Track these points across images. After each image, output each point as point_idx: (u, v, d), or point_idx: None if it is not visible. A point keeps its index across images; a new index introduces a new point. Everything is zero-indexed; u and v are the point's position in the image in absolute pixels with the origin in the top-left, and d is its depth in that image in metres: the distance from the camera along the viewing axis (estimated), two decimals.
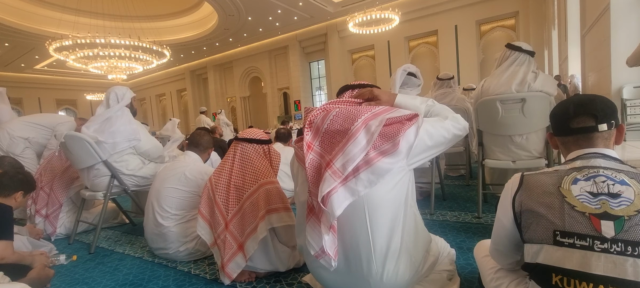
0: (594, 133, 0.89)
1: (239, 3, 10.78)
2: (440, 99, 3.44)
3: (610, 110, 0.89)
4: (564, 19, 6.85)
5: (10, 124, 3.26)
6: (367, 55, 13.73)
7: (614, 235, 0.71)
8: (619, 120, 0.90)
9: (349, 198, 1.04)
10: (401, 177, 1.10)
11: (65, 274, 1.95)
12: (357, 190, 1.04)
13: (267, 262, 1.64)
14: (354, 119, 1.08)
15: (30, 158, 3.19)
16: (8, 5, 10.70)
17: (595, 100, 0.90)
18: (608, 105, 0.90)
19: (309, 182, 1.10)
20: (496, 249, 1.03)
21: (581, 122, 0.90)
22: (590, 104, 0.90)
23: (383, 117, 1.08)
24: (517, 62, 2.08)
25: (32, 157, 3.22)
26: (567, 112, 0.93)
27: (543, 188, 0.83)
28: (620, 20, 4.06)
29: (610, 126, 0.88)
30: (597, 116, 0.88)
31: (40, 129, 3.28)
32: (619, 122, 0.90)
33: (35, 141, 3.24)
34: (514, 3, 10.47)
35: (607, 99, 0.91)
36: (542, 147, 2.13)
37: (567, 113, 0.93)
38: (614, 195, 0.74)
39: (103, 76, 13.51)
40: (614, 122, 0.88)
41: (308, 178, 1.10)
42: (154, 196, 2.02)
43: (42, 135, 3.27)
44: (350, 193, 1.04)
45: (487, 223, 2.18)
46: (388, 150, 1.04)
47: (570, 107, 0.93)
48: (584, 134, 0.90)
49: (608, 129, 0.88)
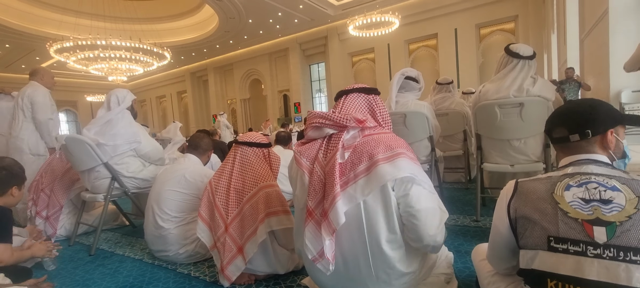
0: (568, 143, 0.92)
1: (239, 6, 10.83)
2: (440, 103, 3.46)
3: (584, 120, 0.90)
4: (563, 23, 6.88)
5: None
6: (367, 58, 13.77)
7: (606, 240, 0.72)
8: (605, 125, 0.89)
9: (347, 204, 1.05)
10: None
11: (65, 276, 1.96)
12: (356, 196, 1.05)
13: (266, 264, 1.65)
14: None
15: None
16: (9, 6, 10.74)
17: (569, 110, 0.93)
18: (582, 114, 0.91)
19: (308, 187, 1.12)
20: (493, 254, 1.04)
21: (559, 132, 0.94)
22: (564, 114, 0.94)
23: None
24: (516, 68, 2.09)
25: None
26: (549, 122, 0.97)
27: (537, 194, 0.84)
28: (618, 25, 4.09)
29: (584, 135, 0.89)
30: (569, 127, 0.91)
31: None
32: (602, 128, 0.89)
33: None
34: (513, 7, 10.53)
35: (590, 106, 0.92)
36: (540, 151, 2.15)
37: (548, 123, 0.98)
38: (606, 201, 0.76)
39: (103, 78, 13.55)
40: (589, 131, 0.88)
41: (308, 183, 1.12)
42: (154, 198, 2.04)
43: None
44: (348, 200, 1.06)
45: (485, 227, 2.19)
46: (388, 158, 1.06)
47: (552, 118, 0.97)
48: (561, 144, 0.94)
49: (580, 139, 0.89)
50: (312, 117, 1.23)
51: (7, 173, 1.79)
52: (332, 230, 1.04)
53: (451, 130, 3.38)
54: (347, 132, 1.16)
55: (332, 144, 1.18)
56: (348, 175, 1.08)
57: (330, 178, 1.09)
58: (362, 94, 1.30)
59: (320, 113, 1.21)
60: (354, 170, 1.08)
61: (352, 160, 1.11)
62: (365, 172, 1.07)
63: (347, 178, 1.09)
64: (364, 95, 1.30)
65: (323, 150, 1.19)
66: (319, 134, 1.22)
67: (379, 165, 1.05)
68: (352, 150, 1.13)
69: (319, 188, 1.13)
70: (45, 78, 3.20)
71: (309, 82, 15.73)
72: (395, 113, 2.44)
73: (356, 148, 1.13)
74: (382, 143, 1.12)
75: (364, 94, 1.30)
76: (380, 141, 1.13)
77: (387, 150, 1.09)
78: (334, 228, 1.04)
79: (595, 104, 0.92)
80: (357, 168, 1.08)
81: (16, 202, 1.84)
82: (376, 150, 1.09)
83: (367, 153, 1.09)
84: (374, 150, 1.09)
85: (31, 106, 3.02)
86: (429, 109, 2.53)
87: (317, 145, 1.20)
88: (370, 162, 1.07)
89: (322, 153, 1.18)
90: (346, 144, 1.15)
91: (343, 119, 1.15)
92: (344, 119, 1.15)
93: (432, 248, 1.15)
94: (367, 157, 1.08)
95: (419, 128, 2.49)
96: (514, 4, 10.49)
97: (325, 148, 1.19)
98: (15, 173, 1.83)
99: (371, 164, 1.07)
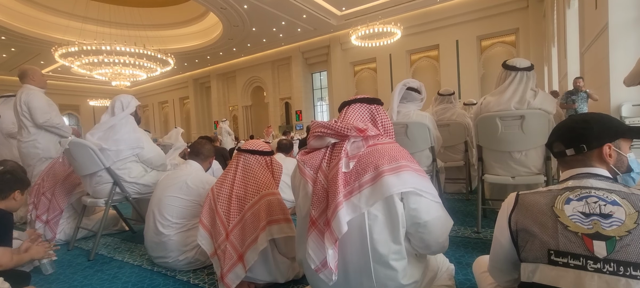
0: (565, 158, 0.93)
1: (243, 14, 10.97)
2: (441, 114, 3.48)
3: (577, 135, 0.91)
4: (563, 36, 6.94)
5: None
6: (369, 67, 13.88)
7: (606, 255, 0.73)
8: (600, 140, 0.89)
9: (351, 214, 1.06)
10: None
11: (63, 281, 1.95)
12: (360, 206, 1.06)
13: (266, 273, 1.64)
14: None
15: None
16: (17, 11, 10.91)
17: (564, 125, 0.95)
18: (575, 130, 0.92)
19: (312, 196, 1.12)
20: (494, 267, 1.04)
21: (557, 147, 0.96)
22: (559, 130, 0.96)
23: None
24: (515, 80, 2.11)
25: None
26: (550, 137, 0.99)
27: (537, 207, 0.84)
28: (618, 40, 4.13)
29: (579, 150, 0.90)
30: (564, 142, 0.93)
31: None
32: (597, 142, 0.89)
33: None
34: (514, 20, 10.64)
35: (584, 121, 0.93)
36: (541, 164, 2.15)
37: (549, 138, 1.00)
38: (606, 216, 0.76)
39: (107, 82, 13.66)
40: (584, 145, 0.90)
41: (311, 192, 1.12)
42: (155, 204, 2.04)
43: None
44: (352, 210, 1.06)
45: (486, 239, 2.18)
46: (394, 170, 1.07)
47: (552, 133, 0.99)
48: (560, 158, 0.95)
49: (576, 153, 0.91)
50: (315, 127, 1.25)
51: (11, 177, 1.80)
52: (335, 239, 1.05)
53: (452, 141, 3.39)
54: (349, 141, 1.18)
55: (335, 153, 1.19)
56: (353, 185, 1.09)
57: (332, 187, 1.10)
58: (365, 104, 1.32)
59: (322, 122, 1.23)
60: (359, 180, 1.09)
61: (357, 170, 1.12)
62: (370, 182, 1.08)
63: (351, 188, 1.09)
64: (366, 105, 1.31)
65: (327, 159, 1.20)
66: (321, 143, 1.24)
67: (385, 176, 1.06)
68: (356, 160, 1.14)
69: (323, 198, 1.13)
70: (36, 78, 3.12)
71: (310, 91, 15.82)
72: (397, 123, 2.45)
73: (361, 158, 1.14)
74: (386, 154, 1.13)
75: (366, 104, 1.32)
76: (384, 152, 1.14)
77: (392, 162, 1.10)
78: (336, 237, 1.04)
79: (591, 118, 0.93)
80: (362, 178, 1.09)
81: (18, 206, 1.84)
82: (381, 161, 1.10)
83: (372, 164, 1.10)
84: (379, 161, 1.10)
85: (29, 111, 2.98)
86: (430, 120, 2.54)
87: (321, 155, 1.21)
88: (376, 173, 1.08)
89: (326, 162, 1.19)
90: (350, 153, 1.16)
91: (344, 128, 1.17)
92: (344, 129, 1.17)
93: (437, 252, 1.21)
94: (372, 168, 1.09)
95: (420, 138, 2.50)
96: (514, 17, 10.61)
97: (329, 157, 1.20)
98: (19, 178, 1.83)
99: (376, 175, 1.07)
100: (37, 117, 2.98)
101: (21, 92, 3.03)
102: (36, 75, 3.13)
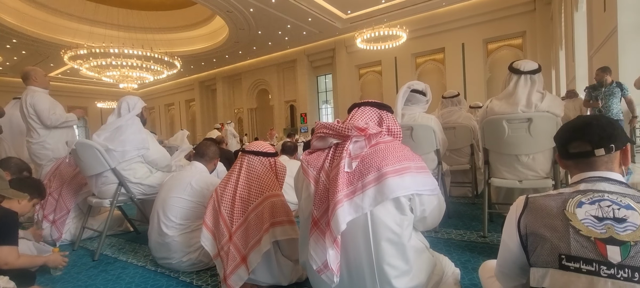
0: (591, 158, 0.87)
1: (249, 17, 11.05)
2: (447, 117, 3.45)
3: (608, 134, 0.86)
4: (571, 39, 6.87)
5: None
6: (374, 70, 13.86)
7: (620, 260, 0.70)
8: (623, 141, 0.87)
9: (353, 214, 1.04)
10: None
11: (68, 281, 1.96)
12: (363, 206, 1.05)
13: (269, 275, 1.63)
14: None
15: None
16: (27, 14, 11.13)
17: (591, 124, 0.88)
18: (605, 128, 0.87)
19: (314, 196, 1.12)
20: (501, 271, 1.01)
21: (578, 147, 0.89)
22: (585, 128, 0.88)
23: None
24: (520, 83, 2.08)
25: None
26: (564, 136, 0.93)
27: (548, 211, 0.82)
28: (627, 43, 4.07)
29: (609, 150, 0.86)
30: (592, 141, 0.86)
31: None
32: (622, 143, 0.87)
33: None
34: (521, 23, 10.56)
35: (608, 120, 0.89)
36: (548, 167, 2.11)
37: (563, 137, 0.93)
38: (620, 220, 0.74)
39: (114, 85, 13.86)
40: (613, 145, 0.85)
41: (313, 192, 1.11)
42: (159, 205, 2.04)
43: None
44: (355, 209, 1.05)
45: (492, 243, 2.15)
46: (397, 171, 1.06)
47: (567, 132, 0.92)
48: (582, 158, 0.89)
49: (606, 153, 0.86)
50: (318, 128, 1.27)
51: (32, 182, 1.89)
52: (333, 238, 1.03)
53: (458, 144, 3.35)
54: (351, 141, 1.17)
55: (337, 153, 1.19)
56: (355, 185, 1.08)
57: (333, 186, 1.09)
58: (374, 108, 1.32)
59: (325, 124, 1.25)
60: (362, 180, 1.08)
61: (360, 169, 1.11)
62: (374, 182, 1.07)
63: (354, 188, 1.08)
64: (375, 110, 1.32)
65: (329, 159, 1.20)
66: (323, 144, 1.25)
67: (389, 177, 1.05)
68: (359, 160, 1.13)
69: (325, 198, 1.13)
70: (39, 78, 3.14)
71: (315, 93, 15.85)
72: (403, 126, 2.43)
73: (364, 158, 1.13)
74: (389, 154, 1.12)
75: (376, 108, 1.32)
76: (387, 152, 1.13)
77: (396, 163, 1.10)
78: (334, 236, 1.03)
79: (609, 119, 0.90)
80: (365, 178, 1.08)
81: (24, 211, 1.88)
82: (384, 162, 1.09)
83: (375, 164, 1.10)
84: (382, 162, 1.09)
85: (36, 113, 3.02)
86: (436, 123, 2.52)
87: (324, 155, 1.22)
88: (379, 173, 1.07)
89: (328, 162, 1.19)
90: (353, 153, 1.15)
91: (345, 128, 1.18)
92: (346, 129, 1.18)
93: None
94: (375, 168, 1.08)
95: (426, 141, 2.48)
96: (521, 20, 10.52)
97: (332, 157, 1.20)
98: (36, 186, 1.91)
99: (380, 176, 1.07)
100: (45, 120, 3.03)
101: (26, 94, 3.08)
102: (39, 76, 3.17)
